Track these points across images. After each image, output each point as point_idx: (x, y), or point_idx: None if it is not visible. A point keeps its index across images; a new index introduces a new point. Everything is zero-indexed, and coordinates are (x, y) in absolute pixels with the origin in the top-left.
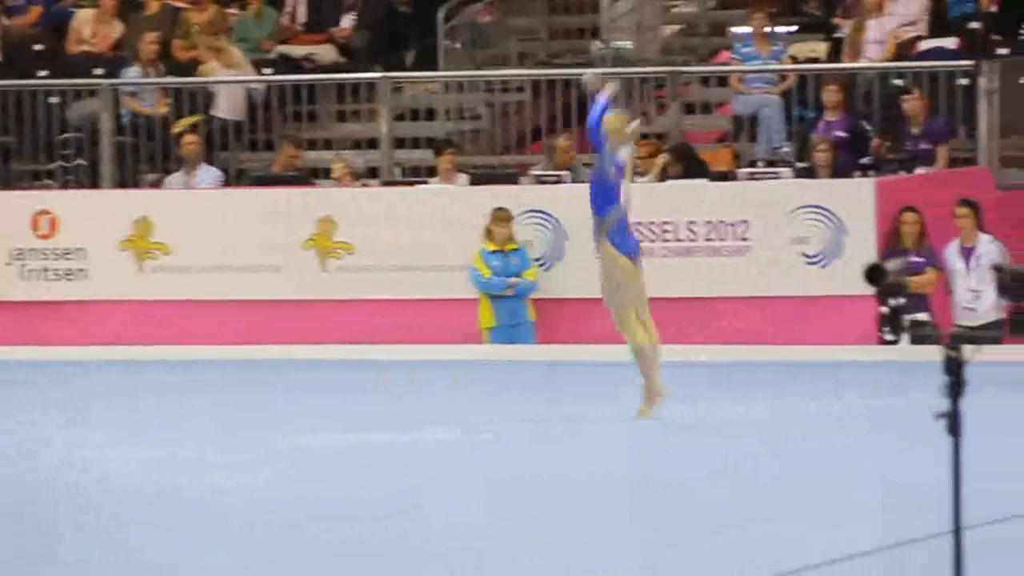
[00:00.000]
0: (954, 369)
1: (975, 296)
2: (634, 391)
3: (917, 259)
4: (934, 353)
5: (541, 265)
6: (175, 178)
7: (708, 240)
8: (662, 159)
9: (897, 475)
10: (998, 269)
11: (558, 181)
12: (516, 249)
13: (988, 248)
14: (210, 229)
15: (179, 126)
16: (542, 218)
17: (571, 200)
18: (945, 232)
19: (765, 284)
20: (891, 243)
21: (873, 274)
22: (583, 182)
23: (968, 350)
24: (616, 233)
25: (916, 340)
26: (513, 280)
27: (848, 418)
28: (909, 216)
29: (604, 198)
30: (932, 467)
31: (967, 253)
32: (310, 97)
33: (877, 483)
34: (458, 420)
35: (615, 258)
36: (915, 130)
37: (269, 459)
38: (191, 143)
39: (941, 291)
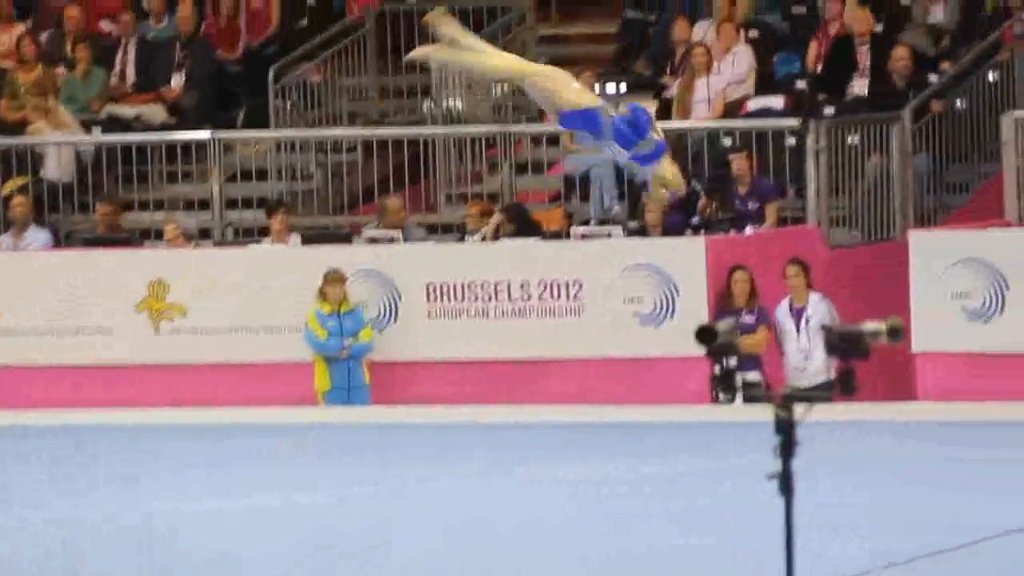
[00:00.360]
0: (785, 429)
1: (805, 356)
2: (463, 454)
3: (748, 319)
4: (766, 413)
5: (375, 327)
6: (3, 240)
7: (541, 300)
8: (495, 219)
9: (729, 534)
10: (827, 329)
11: (391, 241)
12: (351, 310)
13: (818, 308)
14: (40, 292)
15: (7, 188)
16: (374, 278)
17: (404, 260)
18: (776, 291)
19: (598, 344)
20: (722, 303)
21: (704, 334)
22: (416, 240)
23: (799, 410)
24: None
25: (748, 400)
26: (348, 341)
27: (681, 479)
28: (740, 275)
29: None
30: (764, 526)
31: (797, 313)
32: (140, 158)
33: (709, 541)
34: (293, 484)
35: None
36: (743, 189)
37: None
38: (19, 205)
39: (773, 350)
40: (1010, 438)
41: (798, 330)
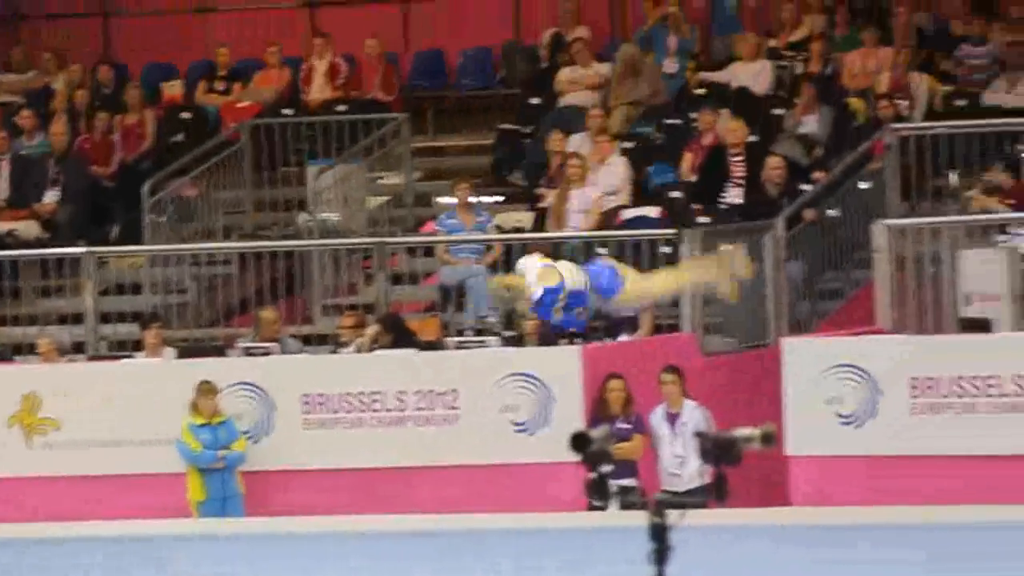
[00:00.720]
0: (659, 535)
1: (680, 462)
2: (338, 563)
3: (623, 426)
4: (641, 519)
5: (249, 438)
6: None
7: (418, 409)
8: (372, 330)
9: None
10: (701, 435)
11: (266, 353)
12: (223, 421)
13: (693, 414)
14: None
15: None
16: (250, 390)
17: (278, 372)
18: (651, 398)
19: (474, 452)
20: (598, 410)
21: (578, 441)
22: (291, 352)
23: (673, 515)
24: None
25: (624, 506)
26: (222, 452)
27: None
28: (615, 384)
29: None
30: None
31: (672, 419)
32: (13, 273)
33: None
34: None
35: None
36: None
37: None
38: None
39: (648, 457)
40: (881, 540)
41: (673, 436)
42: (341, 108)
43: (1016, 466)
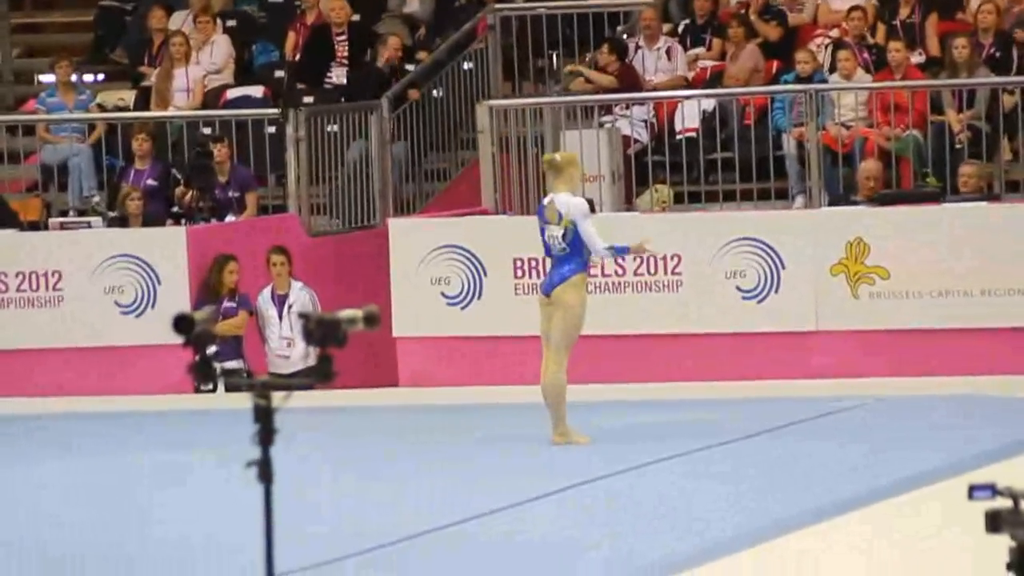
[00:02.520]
0: (263, 417)
1: (288, 343)
2: None
3: (229, 304)
4: (247, 401)
5: None
6: None
7: (20, 291)
8: None
9: (211, 523)
10: (304, 317)
11: None
12: None
13: (300, 296)
14: None
15: None
16: None
17: None
18: (258, 279)
19: (79, 335)
20: (205, 292)
21: (181, 323)
22: None
23: (277, 397)
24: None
25: (229, 388)
26: None
27: (164, 469)
28: (232, 264)
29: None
30: (247, 513)
31: (280, 300)
32: None
33: (192, 531)
34: None
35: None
36: (223, 179)
37: None
38: None
39: (255, 339)
40: (495, 420)
41: (280, 317)
42: None
43: (616, 343)
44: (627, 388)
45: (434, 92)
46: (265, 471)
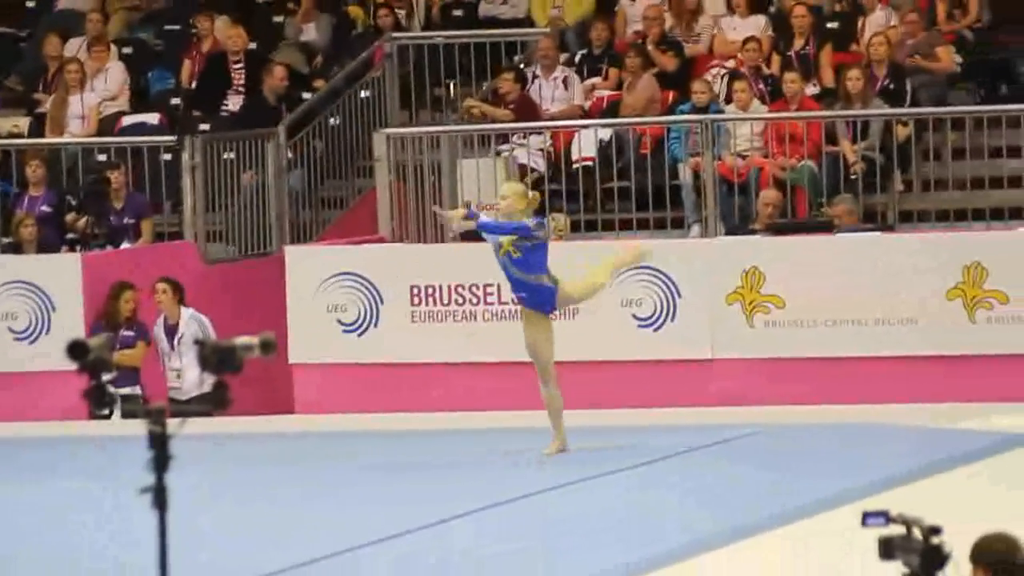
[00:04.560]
0: (158, 443)
1: (178, 373)
2: None
3: (128, 333)
4: (142, 428)
5: None
6: None
7: None
8: None
9: (108, 550)
10: (200, 344)
11: None
12: None
13: (190, 325)
14: None
15: None
16: None
17: None
18: (153, 307)
19: None
20: (104, 319)
21: (76, 349)
22: None
23: (173, 424)
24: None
25: (126, 415)
26: None
27: (59, 496)
28: (128, 294)
29: (543, 259)
30: (141, 542)
31: (171, 330)
32: None
33: (83, 557)
34: None
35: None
36: (119, 205)
37: None
38: None
39: (152, 366)
40: (381, 446)
41: (172, 347)
42: None
43: (510, 370)
44: (524, 415)
45: (331, 120)
46: (160, 498)
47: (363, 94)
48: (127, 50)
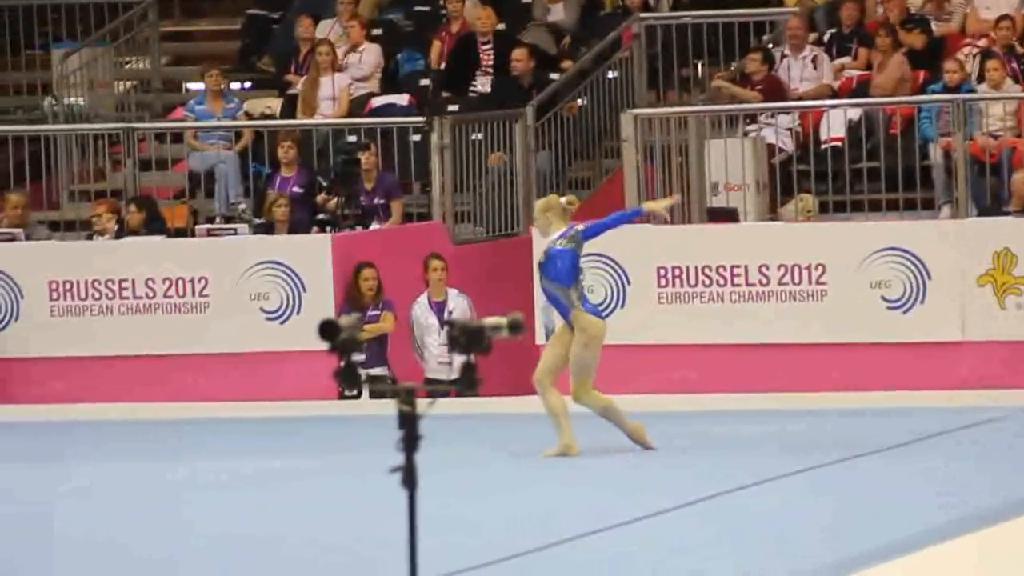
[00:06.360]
0: (407, 423)
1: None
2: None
3: (373, 312)
4: (391, 407)
5: None
6: None
7: (167, 297)
8: (134, 215)
9: (356, 528)
10: (449, 324)
11: (11, 239)
12: None
13: (458, 301)
14: None
15: None
16: None
17: (25, 258)
18: (402, 287)
19: (224, 340)
20: (349, 299)
21: (327, 330)
22: (39, 239)
23: (422, 404)
24: (584, 299)
25: (374, 395)
26: None
27: (308, 474)
28: (366, 272)
29: (575, 268)
30: (389, 520)
31: (438, 307)
32: None
33: (337, 535)
34: None
35: (592, 323)
36: (369, 186)
37: None
38: None
39: (399, 347)
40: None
41: (441, 324)
42: None
43: (759, 353)
44: (770, 397)
45: (579, 101)
46: (409, 477)
47: (611, 75)
48: (377, 31)
